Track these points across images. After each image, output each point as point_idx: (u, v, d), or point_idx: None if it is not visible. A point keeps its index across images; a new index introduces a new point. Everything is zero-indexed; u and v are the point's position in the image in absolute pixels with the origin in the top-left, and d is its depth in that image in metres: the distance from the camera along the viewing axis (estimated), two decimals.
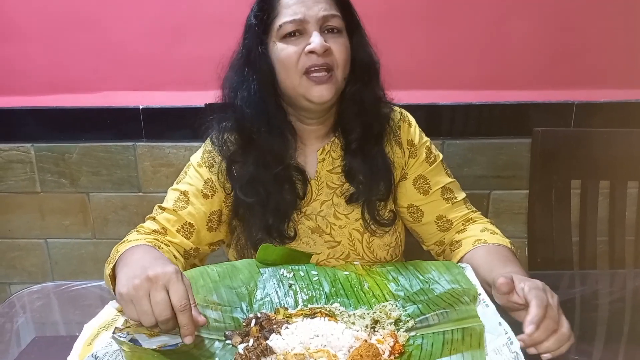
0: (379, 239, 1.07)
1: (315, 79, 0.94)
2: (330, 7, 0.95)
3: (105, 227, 1.74)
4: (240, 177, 1.01)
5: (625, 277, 1.19)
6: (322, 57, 0.93)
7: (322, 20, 0.94)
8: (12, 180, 1.70)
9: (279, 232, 1.01)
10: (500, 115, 1.61)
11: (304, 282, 0.92)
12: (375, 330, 0.81)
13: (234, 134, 1.03)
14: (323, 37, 0.94)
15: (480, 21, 1.53)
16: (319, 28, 0.94)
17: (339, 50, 0.95)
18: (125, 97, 1.61)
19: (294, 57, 0.94)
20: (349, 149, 1.04)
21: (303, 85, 0.95)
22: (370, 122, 1.03)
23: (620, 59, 1.56)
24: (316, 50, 0.92)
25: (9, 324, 0.94)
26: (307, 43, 0.93)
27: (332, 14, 0.95)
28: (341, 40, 0.96)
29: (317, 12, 0.93)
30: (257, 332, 0.78)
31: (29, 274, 1.81)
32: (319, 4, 0.94)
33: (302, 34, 0.94)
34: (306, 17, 0.93)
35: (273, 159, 1.00)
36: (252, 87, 0.98)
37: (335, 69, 0.96)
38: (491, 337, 0.76)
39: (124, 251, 0.88)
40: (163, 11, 1.53)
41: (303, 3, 0.94)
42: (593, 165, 1.34)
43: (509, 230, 1.08)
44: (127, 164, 1.67)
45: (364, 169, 1.03)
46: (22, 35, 1.57)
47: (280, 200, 1.01)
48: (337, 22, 0.96)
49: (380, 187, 1.04)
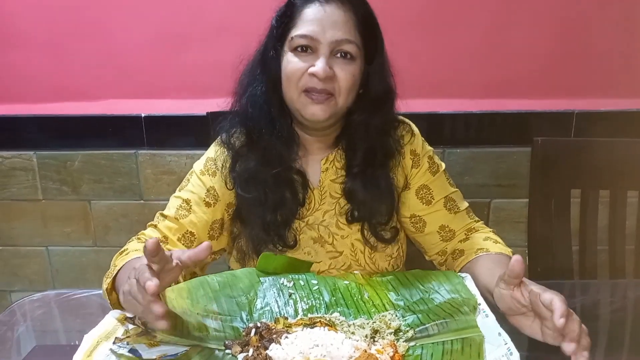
0: (381, 251, 1.07)
1: (313, 98, 0.94)
2: (348, 32, 0.93)
3: (107, 235, 1.74)
4: (241, 173, 1.02)
5: (625, 286, 1.19)
6: (323, 83, 0.93)
7: (334, 44, 0.93)
8: (14, 187, 1.71)
9: (279, 234, 1.01)
10: (501, 124, 1.61)
11: (304, 291, 0.92)
12: (375, 340, 0.81)
13: (240, 130, 1.04)
14: (331, 61, 0.93)
15: (481, 30, 1.54)
16: (330, 51, 0.93)
17: (345, 77, 0.94)
18: (127, 105, 1.62)
19: (297, 73, 0.94)
20: (350, 172, 1.03)
21: (300, 102, 0.95)
22: (376, 149, 1.02)
23: (620, 68, 1.57)
24: (317, 75, 0.92)
25: (9, 332, 0.94)
26: (312, 63, 0.93)
27: (347, 40, 0.93)
28: (350, 67, 0.94)
29: (331, 35, 0.92)
30: (257, 342, 0.78)
31: (30, 282, 1.81)
32: (335, 27, 0.92)
33: (313, 52, 0.94)
34: (318, 37, 0.92)
35: (275, 159, 1.00)
36: (260, 88, 0.99)
37: (337, 95, 0.95)
38: (491, 348, 0.76)
39: (121, 267, 0.89)
40: (165, 20, 1.55)
41: (320, 22, 0.92)
42: (593, 175, 1.34)
43: (509, 239, 1.08)
44: (128, 171, 1.67)
45: (364, 192, 1.02)
46: (24, 43, 1.58)
47: (279, 200, 1.01)
48: (351, 49, 0.94)
49: (381, 210, 1.04)
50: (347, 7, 0.94)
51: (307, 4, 0.94)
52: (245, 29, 1.00)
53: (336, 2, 0.93)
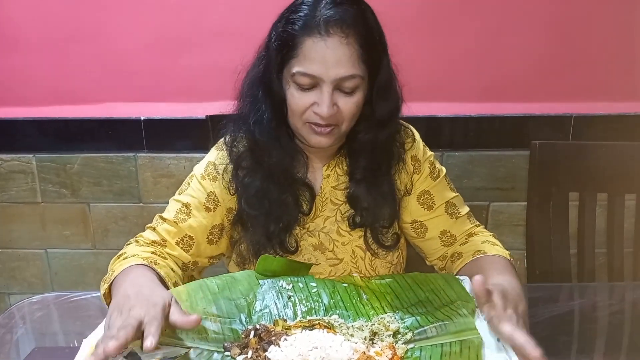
0: (381, 258, 1.07)
1: (316, 131, 0.94)
2: (352, 67, 0.89)
3: (106, 238, 1.74)
4: (246, 189, 1.01)
5: (624, 289, 1.20)
6: (327, 120, 0.92)
7: (337, 82, 0.90)
8: (13, 190, 1.71)
9: (281, 242, 1.01)
10: (499, 128, 1.62)
11: (303, 293, 0.92)
12: (374, 342, 0.81)
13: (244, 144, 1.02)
14: (335, 96, 0.91)
15: (479, 33, 1.55)
16: (332, 87, 0.90)
17: (348, 109, 0.93)
18: (126, 108, 1.63)
19: (301, 108, 0.92)
20: (354, 177, 1.03)
21: (304, 131, 0.95)
22: (379, 157, 1.02)
23: (618, 72, 1.57)
24: (322, 116, 0.91)
25: (8, 334, 0.94)
26: (316, 101, 0.91)
27: (351, 76, 0.89)
28: (353, 99, 0.92)
29: (334, 73, 0.88)
30: (256, 344, 0.79)
31: (29, 284, 1.81)
32: (339, 65, 0.88)
33: (315, 87, 0.91)
34: (322, 76, 0.89)
35: (282, 176, 1.00)
36: (265, 115, 0.97)
37: (340, 124, 0.95)
38: (490, 352, 0.77)
39: (118, 273, 0.89)
40: (165, 23, 1.55)
41: (323, 60, 0.88)
42: (591, 178, 1.34)
43: (508, 242, 1.08)
44: (127, 174, 1.68)
45: (367, 197, 1.02)
46: (24, 46, 1.58)
47: (283, 212, 1.00)
48: (354, 84, 0.91)
49: (384, 215, 1.03)
50: (350, 39, 0.88)
51: (308, 35, 0.88)
52: (244, 33, 1.00)
53: (338, 35, 0.88)
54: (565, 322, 0.98)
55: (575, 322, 1.01)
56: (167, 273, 0.94)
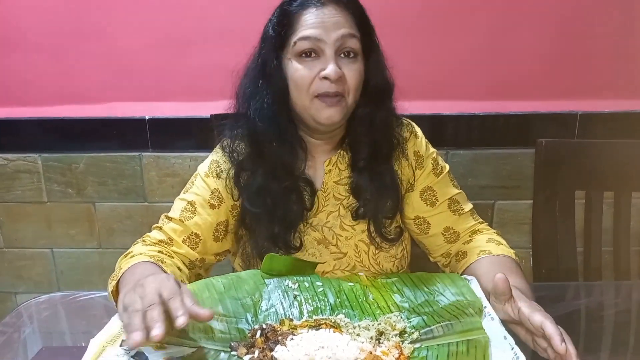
0: (385, 252, 1.07)
1: (326, 102, 0.94)
2: (350, 27, 0.94)
3: (111, 237, 1.75)
4: (248, 187, 1.01)
5: (630, 288, 1.19)
6: (335, 85, 0.93)
7: (339, 42, 0.93)
8: (19, 190, 1.71)
9: (285, 242, 1.01)
10: (504, 126, 1.62)
11: (309, 293, 0.92)
12: (380, 342, 0.81)
13: (244, 142, 1.03)
14: (338, 62, 0.93)
15: (484, 32, 1.54)
16: (335, 51, 0.93)
17: (353, 76, 0.94)
18: (131, 107, 1.63)
19: (307, 80, 0.93)
20: (357, 166, 1.04)
21: (313, 107, 0.95)
22: (380, 142, 1.02)
23: (623, 69, 1.57)
24: (330, 77, 0.92)
25: (16, 334, 0.95)
26: (321, 67, 0.93)
27: (351, 34, 0.93)
28: (355, 66, 0.95)
29: (335, 34, 0.92)
30: (263, 344, 0.79)
31: (35, 284, 1.82)
32: (338, 26, 0.92)
33: (318, 56, 0.93)
34: (323, 37, 0.92)
35: (282, 171, 1.00)
36: (265, 100, 0.98)
37: (347, 95, 0.95)
38: (496, 351, 0.76)
39: (126, 269, 0.89)
40: (169, 23, 1.55)
41: (322, 23, 0.92)
42: (597, 176, 1.34)
43: (513, 241, 1.08)
44: (132, 174, 1.68)
45: (370, 187, 1.02)
46: (29, 46, 1.59)
47: (287, 211, 1.01)
48: (355, 44, 0.94)
49: (387, 205, 1.04)
50: (342, 7, 0.94)
51: (304, 9, 0.93)
52: (248, 32, 1.00)
53: (332, 4, 0.93)
54: (572, 321, 0.98)
55: (581, 321, 1.01)
56: (174, 272, 0.94)
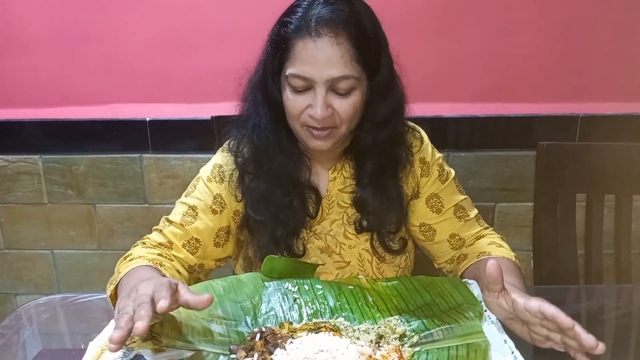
0: (388, 263, 1.06)
1: (314, 134, 0.93)
2: (344, 67, 0.88)
3: (111, 239, 1.75)
4: (252, 194, 1.00)
5: (631, 291, 1.19)
6: (322, 122, 0.91)
7: (330, 82, 0.88)
8: (19, 191, 1.71)
9: (288, 246, 1.00)
10: (505, 128, 1.61)
11: (309, 296, 0.92)
12: (380, 345, 0.80)
13: (248, 148, 1.02)
14: (330, 97, 0.90)
15: (486, 34, 1.54)
16: (326, 89, 0.89)
17: (344, 110, 0.91)
18: (131, 109, 1.63)
19: (297, 111, 0.92)
20: (361, 181, 1.02)
21: (303, 134, 0.95)
22: (385, 159, 1.01)
23: (625, 72, 1.56)
24: (316, 118, 0.90)
25: (15, 336, 0.94)
26: (310, 103, 0.90)
27: (343, 77, 0.88)
28: (349, 101, 0.91)
29: (326, 74, 0.87)
30: (262, 347, 0.78)
31: (35, 285, 1.82)
32: (330, 65, 0.87)
33: (309, 89, 0.90)
34: (314, 77, 0.88)
35: (287, 180, 0.99)
36: (264, 116, 0.97)
37: (339, 126, 0.93)
38: (497, 355, 0.76)
39: (124, 274, 0.89)
40: (170, 24, 1.55)
41: (314, 61, 0.87)
42: (598, 179, 1.33)
43: (514, 243, 1.08)
44: (133, 175, 1.68)
45: (374, 201, 1.01)
46: (30, 48, 1.59)
47: (290, 217, 1.00)
48: (347, 85, 0.89)
49: (391, 220, 1.03)
50: (341, 38, 0.87)
51: (299, 38, 0.88)
52: (249, 34, 1.00)
53: (328, 35, 0.87)
54: None
55: (582, 325, 0.99)
56: (173, 275, 0.94)
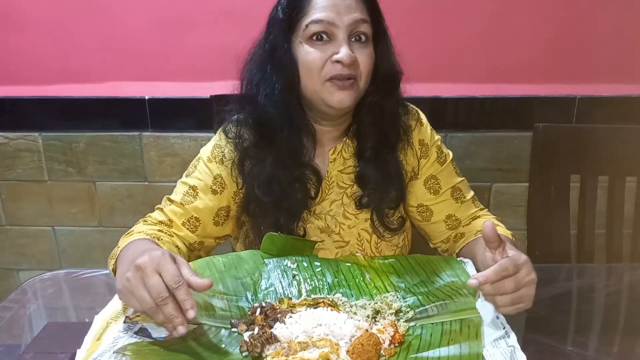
0: (387, 241, 1.08)
1: (339, 85, 0.93)
2: (362, 11, 0.94)
3: (112, 216, 1.77)
4: (257, 176, 1.00)
5: (621, 270, 1.21)
6: (348, 68, 0.92)
7: (352, 27, 0.92)
8: (20, 168, 1.72)
9: (289, 230, 1.01)
10: (502, 109, 1.62)
11: (308, 272, 0.94)
12: (376, 320, 0.83)
13: (250, 129, 1.02)
14: (351, 46, 0.92)
15: (484, 15, 1.54)
16: (348, 35, 0.92)
17: (365, 61, 0.94)
18: (131, 87, 1.63)
19: (319, 63, 0.93)
20: (363, 155, 1.03)
21: (325, 90, 0.94)
22: (387, 131, 1.02)
23: (622, 54, 1.57)
24: (343, 61, 0.91)
25: (22, 310, 0.97)
26: (334, 51, 0.92)
27: (363, 19, 0.93)
28: (367, 50, 0.95)
29: (348, 18, 0.92)
30: (262, 321, 0.81)
31: (37, 261, 1.84)
32: (350, 10, 0.92)
33: (330, 40, 0.93)
34: (336, 21, 0.91)
35: (291, 159, 1.00)
36: (275, 86, 0.96)
37: (359, 79, 0.95)
38: (489, 331, 0.79)
39: (123, 247, 0.90)
40: (170, 2, 1.54)
41: (335, 7, 0.91)
42: (592, 161, 1.35)
43: (509, 223, 1.10)
44: (133, 153, 1.69)
45: (376, 176, 1.02)
46: (30, 26, 1.58)
47: (292, 200, 1.01)
48: (366, 29, 0.94)
49: (391, 195, 1.04)
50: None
51: None
52: (249, 13, 1.00)
53: None
54: (564, 302, 1.00)
55: (573, 302, 1.03)
56: (170, 249, 0.94)
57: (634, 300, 1.04)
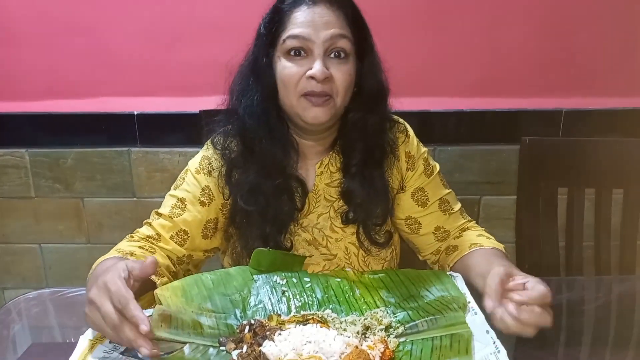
0: (374, 255, 1.08)
1: (312, 101, 0.94)
2: (341, 27, 0.93)
3: (100, 232, 1.75)
4: (241, 185, 1.01)
5: (610, 283, 1.22)
6: (322, 85, 0.92)
7: (328, 43, 0.92)
8: (6, 185, 1.70)
9: (276, 242, 1.01)
10: (490, 122, 1.63)
11: (297, 288, 0.94)
12: (366, 336, 0.82)
13: (236, 140, 1.03)
14: (327, 63, 0.92)
15: (471, 29, 1.56)
16: (324, 51, 0.92)
17: (341, 77, 0.94)
18: (120, 102, 1.63)
19: (295, 78, 0.93)
20: (348, 171, 1.03)
21: (300, 106, 0.95)
22: (373, 147, 1.02)
23: (609, 67, 1.59)
24: (316, 77, 0.91)
25: (5, 330, 0.95)
26: (309, 67, 0.92)
27: (341, 34, 0.92)
28: (345, 67, 0.94)
29: (324, 34, 0.91)
30: (251, 339, 0.80)
31: (23, 279, 1.81)
32: (328, 26, 0.92)
33: (307, 55, 0.93)
34: (311, 37, 0.92)
35: (275, 169, 1.00)
36: (255, 97, 0.98)
37: (335, 96, 0.95)
38: (479, 346, 0.78)
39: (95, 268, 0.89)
40: (158, 17, 1.55)
41: (312, 22, 0.92)
42: (579, 173, 1.36)
43: (498, 235, 1.10)
44: (121, 169, 1.68)
45: (361, 192, 1.02)
46: (17, 40, 1.57)
47: (278, 211, 1.01)
48: (345, 44, 0.93)
49: (377, 211, 1.04)
50: (336, 6, 0.94)
51: (295, 8, 0.93)
52: (238, 28, 1.00)
53: (324, 3, 0.93)
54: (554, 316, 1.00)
55: (563, 316, 1.03)
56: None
57: (624, 313, 1.05)
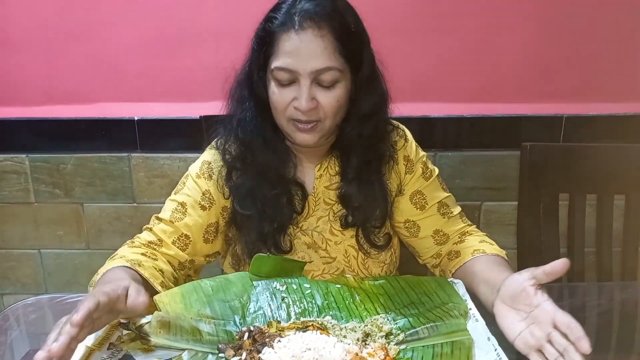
0: (374, 258, 1.08)
1: (299, 127, 0.94)
2: (327, 58, 0.90)
3: (99, 238, 1.74)
4: (239, 189, 1.02)
5: (612, 289, 1.21)
6: (307, 114, 0.92)
7: (314, 74, 0.90)
8: (6, 190, 1.70)
9: (275, 242, 1.02)
10: (491, 128, 1.63)
11: (297, 295, 0.93)
12: (367, 344, 0.82)
13: (235, 143, 1.03)
14: (314, 90, 0.92)
15: (472, 34, 1.56)
16: (311, 81, 0.91)
17: (328, 104, 0.93)
18: (120, 108, 1.62)
19: (282, 105, 0.93)
20: (346, 176, 1.04)
21: (289, 128, 0.96)
22: (370, 154, 1.02)
23: (609, 73, 1.59)
24: (301, 109, 0.92)
25: (3, 337, 0.94)
26: (295, 96, 0.92)
27: (327, 67, 0.90)
28: (333, 94, 0.93)
29: (310, 66, 0.89)
30: (250, 346, 0.79)
31: (22, 285, 1.81)
32: (314, 57, 0.89)
33: (294, 82, 0.92)
34: (297, 69, 0.90)
35: (272, 177, 1.01)
36: (249, 111, 0.99)
37: (323, 120, 0.95)
38: (480, 353, 0.78)
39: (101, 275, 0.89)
40: (158, 23, 1.55)
41: (298, 53, 0.89)
42: (580, 179, 1.36)
43: (499, 241, 1.09)
44: (121, 174, 1.68)
45: (359, 196, 1.02)
46: (17, 46, 1.58)
47: (277, 212, 1.01)
48: (331, 76, 0.91)
49: (375, 215, 1.04)
50: (324, 31, 0.89)
51: (283, 32, 0.90)
52: (238, 33, 1.00)
53: (312, 28, 0.89)
54: None
55: None
56: (152, 274, 0.93)
57: (626, 319, 1.04)
